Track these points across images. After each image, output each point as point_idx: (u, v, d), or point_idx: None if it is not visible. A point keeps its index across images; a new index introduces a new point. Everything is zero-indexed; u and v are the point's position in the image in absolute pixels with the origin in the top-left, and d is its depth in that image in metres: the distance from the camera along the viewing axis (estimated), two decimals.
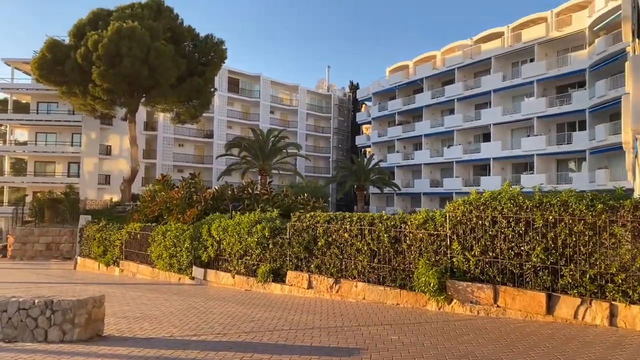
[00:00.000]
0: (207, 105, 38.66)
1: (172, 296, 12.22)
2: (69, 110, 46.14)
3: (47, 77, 34.28)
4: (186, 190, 17.29)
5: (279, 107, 63.46)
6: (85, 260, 22.21)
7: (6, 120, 45.88)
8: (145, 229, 17.91)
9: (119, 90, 33.51)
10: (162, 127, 52.05)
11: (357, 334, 7.11)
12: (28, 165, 47.10)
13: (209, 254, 14.31)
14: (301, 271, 11.50)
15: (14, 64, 45.76)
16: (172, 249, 15.92)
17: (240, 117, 59.46)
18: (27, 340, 7.50)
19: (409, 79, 51.99)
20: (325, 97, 68.76)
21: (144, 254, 17.71)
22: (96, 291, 13.96)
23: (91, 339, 7.49)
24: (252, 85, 61.05)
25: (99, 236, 20.78)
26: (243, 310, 9.69)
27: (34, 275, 20.66)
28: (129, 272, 18.51)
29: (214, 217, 14.93)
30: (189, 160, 55.22)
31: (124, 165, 48.47)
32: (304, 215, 11.70)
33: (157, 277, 16.67)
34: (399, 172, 51.43)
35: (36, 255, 29.57)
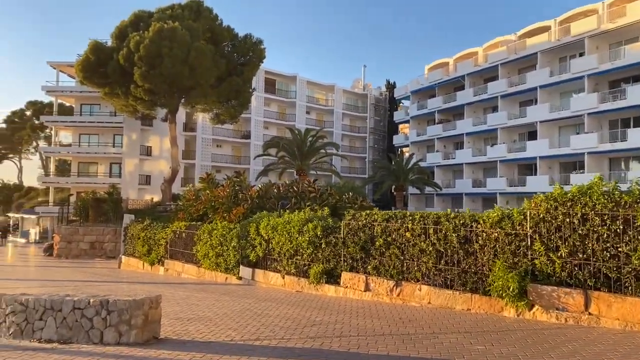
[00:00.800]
0: (246, 105, 38.57)
1: (222, 297, 11.82)
2: (110, 112, 47.02)
3: (91, 78, 34.84)
4: (231, 188, 16.96)
5: (315, 107, 63.12)
6: (130, 259, 22.23)
7: (52, 122, 47.17)
8: (191, 227, 17.67)
9: (159, 90, 33.73)
10: (200, 128, 52.46)
11: (436, 342, 6.44)
12: (72, 166, 48.24)
13: (257, 253, 13.87)
14: (357, 272, 10.88)
15: (59, 67, 46.97)
16: (218, 248, 15.58)
17: (277, 118, 59.41)
18: (82, 341, 7.16)
19: (449, 76, 50.67)
20: (361, 96, 68.02)
21: (190, 253, 17.47)
22: (144, 290, 13.74)
23: (148, 341, 7.08)
24: (289, 85, 60.93)
25: (143, 235, 20.73)
26: (301, 313, 9.15)
27: (80, 273, 20.79)
28: (173, 272, 18.32)
29: (262, 215, 14.50)
30: (227, 160, 55.49)
31: (164, 165, 49.04)
32: (360, 213, 11.09)
33: (203, 277, 16.38)
34: (439, 172, 50.17)
35: (81, 254, 29.99)
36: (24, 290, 14.76)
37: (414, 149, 53.58)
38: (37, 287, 15.48)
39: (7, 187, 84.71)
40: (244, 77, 36.85)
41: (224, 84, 35.57)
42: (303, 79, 61.00)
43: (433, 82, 52.42)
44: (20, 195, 76.63)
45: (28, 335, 7.65)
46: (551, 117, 39.56)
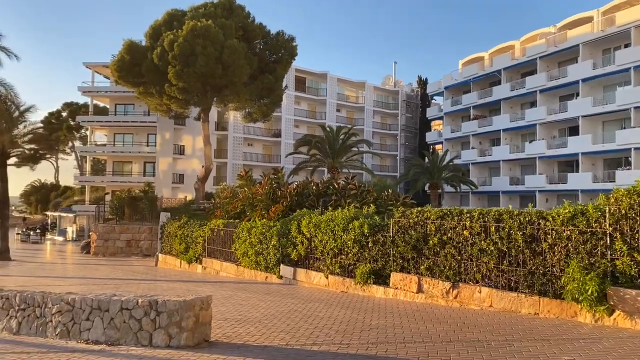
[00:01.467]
0: (279, 103, 38.34)
1: (265, 296, 11.43)
2: (144, 112, 47.53)
3: (126, 78, 35.16)
4: (269, 186, 16.61)
5: (345, 105, 62.50)
6: (167, 257, 22.18)
7: (87, 122, 48.01)
8: (229, 225, 17.40)
9: (193, 89, 33.78)
10: (232, 126, 52.57)
11: (513, 351, 5.84)
12: (107, 165, 49.00)
13: (298, 252, 13.45)
14: (408, 273, 10.32)
15: (94, 68, 47.76)
16: (258, 247, 15.24)
17: (307, 116, 59.07)
18: (131, 343, 6.85)
19: (484, 71, 49.30)
20: (392, 93, 67.04)
21: (228, 251, 17.21)
22: (185, 289, 13.50)
23: (199, 345, 6.71)
24: (319, 83, 60.49)
25: (180, 233, 20.61)
26: (352, 315, 8.65)
27: (118, 271, 20.83)
28: (212, 270, 18.10)
29: (303, 213, 14.07)
30: (258, 159, 55.46)
31: (197, 164, 49.32)
32: (410, 210, 10.52)
33: (242, 276, 16.08)
34: (474, 170, 48.89)
35: (117, 251, 30.27)
36: (66, 289, 14.74)
37: (448, 146, 52.39)
38: (78, 285, 15.46)
39: (44, 187, 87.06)
40: (276, 75, 36.58)
41: (257, 82, 35.38)
42: (334, 76, 60.46)
43: (468, 77, 51.13)
44: (57, 194, 78.60)
45: (75, 335, 7.40)
46: (594, 112, 37.92)
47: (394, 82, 69.45)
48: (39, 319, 7.86)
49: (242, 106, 36.98)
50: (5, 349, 6.99)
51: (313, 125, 58.59)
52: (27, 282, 17.14)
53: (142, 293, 12.20)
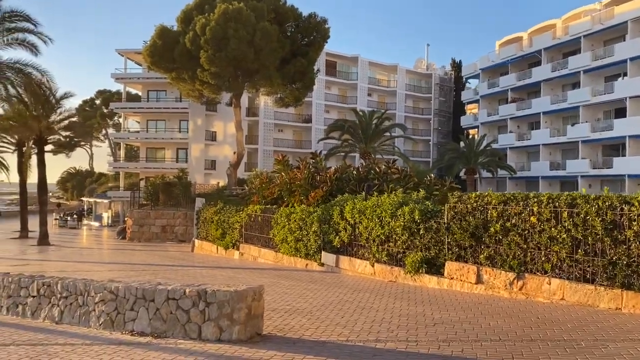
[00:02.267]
0: (311, 87, 37.60)
1: (310, 285, 10.91)
2: (176, 98, 47.56)
3: (158, 63, 34.98)
4: (308, 170, 16.04)
5: (377, 89, 61.30)
6: (203, 242, 21.98)
7: (121, 108, 48.43)
8: (267, 211, 16.95)
9: (225, 73, 33.36)
10: (262, 112, 52.21)
11: (612, 354, 5.10)
12: (140, 151, 49.41)
13: (341, 238, 12.86)
14: (465, 262, 9.60)
15: (126, 54, 47.93)
16: (297, 233, 14.73)
17: (338, 101, 58.20)
18: (179, 336, 6.39)
19: (523, 52, 47.33)
20: (424, 76, 65.41)
21: (266, 237, 16.78)
22: (225, 276, 13.12)
23: (251, 339, 6.21)
24: (349, 67, 59.40)
25: (217, 219, 20.32)
26: (409, 307, 8.02)
27: (155, 257, 20.75)
28: (249, 256, 17.74)
29: (345, 198, 13.45)
30: (289, 145, 55.04)
31: (228, 150, 49.21)
32: (468, 195, 9.76)
33: (281, 262, 15.63)
34: (512, 155, 47.26)
35: (152, 237, 30.37)
36: (105, 274, 14.59)
37: (484, 130, 50.75)
38: (116, 271, 15.32)
39: (79, 173, 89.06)
40: (309, 58, 35.80)
41: (289, 66, 34.69)
42: (365, 59, 59.25)
43: (505, 58, 49.21)
44: (91, 180, 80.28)
45: (119, 326, 7.01)
46: None
47: (427, 65, 67.73)
48: (82, 307, 7.51)
49: (273, 91, 36.40)
50: (49, 340, 6.65)
51: (344, 110, 57.70)
52: (66, 267, 17.14)
53: (184, 281, 11.86)
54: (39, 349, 6.15)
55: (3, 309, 8.61)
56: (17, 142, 32.80)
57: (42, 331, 7.17)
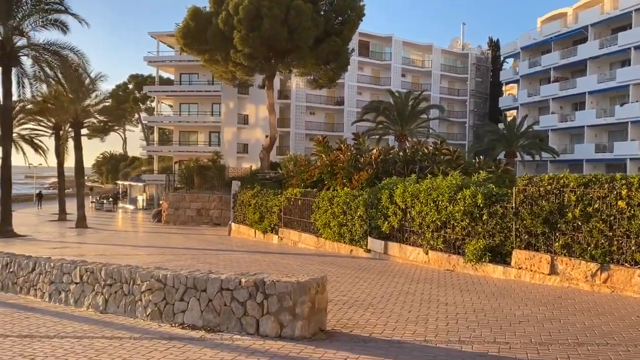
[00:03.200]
0: (346, 68, 36.55)
1: (360, 273, 10.23)
2: (208, 81, 47.25)
3: (191, 45, 34.56)
4: (351, 152, 15.28)
5: (411, 70, 59.62)
6: (240, 226, 21.57)
7: (154, 92, 48.48)
8: (307, 194, 16.31)
9: (258, 54, 32.66)
10: (294, 95, 51.48)
11: None
12: (174, 134, 49.50)
13: (390, 224, 12.10)
14: (537, 251, 8.72)
15: (159, 37, 47.76)
16: (341, 217, 14.03)
17: (371, 82, 56.91)
18: (234, 330, 5.80)
19: (568, 28, 44.92)
20: (460, 56, 63.27)
21: (307, 221, 16.16)
22: (267, 262, 12.58)
23: (315, 335, 5.56)
24: (383, 47, 57.89)
25: (254, 202, 19.82)
26: (482, 301, 7.24)
27: (192, 240, 20.46)
28: (289, 241, 17.18)
29: (394, 181, 12.66)
30: (320, 128, 54.21)
31: (260, 134, 48.81)
32: (540, 177, 8.84)
33: (323, 248, 15.00)
34: (554, 137, 45.23)
35: (188, 220, 30.25)
36: (145, 258, 14.26)
37: (524, 111, 48.70)
38: (156, 255, 14.99)
39: (114, 157, 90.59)
40: (343, 37, 34.72)
41: (323, 45, 33.69)
42: (399, 39, 57.58)
43: (548, 35, 46.85)
44: (125, 164, 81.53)
45: (168, 317, 6.47)
46: None
47: (462, 44, 65.52)
48: (127, 296, 7.01)
49: (307, 71, 35.56)
50: (94, 332, 6.16)
51: (377, 91, 56.41)
52: (105, 250, 16.97)
53: (226, 266, 11.34)
54: (85, 342, 5.66)
55: (45, 296, 8.24)
56: (54, 126, 33.08)
57: (87, 321, 6.70)
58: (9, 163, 22.96)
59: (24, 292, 8.71)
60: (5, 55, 22.25)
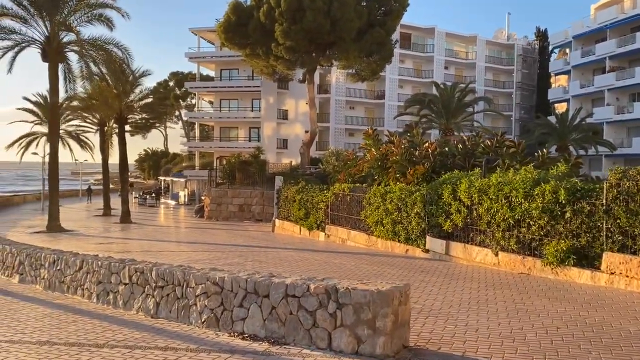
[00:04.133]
0: (389, 59, 35.51)
1: (424, 276, 9.37)
2: (248, 76, 47.04)
3: (232, 39, 34.32)
4: (404, 145, 14.36)
5: (454, 62, 57.70)
6: (284, 222, 20.99)
7: (195, 88, 48.65)
8: (356, 190, 15.52)
9: (300, 47, 32.06)
10: (334, 89, 50.64)
11: None
12: (214, 130, 49.59)
13: (453, 222, 11.15)
14: (634, 254, 7.63)
15: (199, 33, 47.86)
16: (395, 214, 13.17)
17: (412, 75, 55.37)
18: (302, 343, 5.07)
19: (626, 15, 42.22)
20: (505, 47, 60.82)
21: (356, 218, 15.38)
22: (319, 261, 11.86)
23: (398, 353, 4.77)
24: (425, 39, 56.22)
25: (299, 198, 19.18)
26: (581, 312, 6.26)
27: (237, 237, 20.03)
28: (336, 238, 16.44)
29: (457, 175, 11.70)
30: (360, 123, 53.13)
31: (299, 129, 48.25)
32: (637, 169, 7.73)
33: (375, 246, 14.18)
34: (609, 130, 42.67)
35: (230, 216, 29.99)
36: (192, 255, 13.81)
37: (576, 103, 46.19)
38: (202, 252, 14.53)
39: (155, 154, 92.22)
40: (387, 28, 33.68)
41: (366, 37, 32.77)
42: (441, 31, 55.80)
43: (603, 22, 44.19)
44: (166, 160, 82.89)
45: (226, 325, 5.81)
46: None
47: (507, 35, 63.00)
48: (180, 300, 6.41)
49: (349, 64, 34.65)
50: (146, 340, 5.58)
51: (418, 85, 54.92)
52: (150, 246, 16.71)
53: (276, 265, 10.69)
54: (137, 353, 5.06)
55: (93, 296, 7.77)
56: (99, 122, 33.46)
57: (138, 327, 6.14)
58: (57, 159, 23.16)
59: (71, 291, 8.29)
60: (52, 51, 22.38)
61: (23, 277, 9.67)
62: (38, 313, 7.08)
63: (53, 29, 22.29)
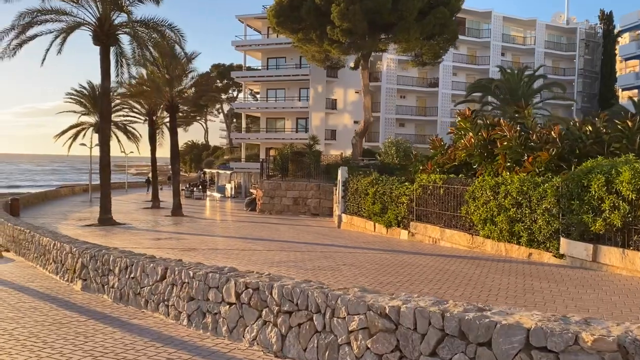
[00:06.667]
0: (453, 41, 32.82)
1: (598, 292, 7.13)
2: (296, 65, 45.24)
3: (284, 24, 32.48)
4: (515, 129, 12.05)
5: (511, 48, 54.22)
6: (353, 218, 18.95)
7: (241, 77, 47.20)
8: (452, 181, 13.32)
9: (358, 29, 29.87)
10: (385, 77, 48.20)
11: None
12: (260, 121, 48.07)
13: (608, 221, 8.83)
14: None
15: (247, 21, 46.28)
16: (512, 211, 10.91)
17: (466, 62, 52.31)
18: None
19: None
20: (566, 32, 56.86)
21: (452, 215, 13.18)
22: (424, 265, 9.76)
23: None
24: (480, 24, 52.97)
25: (373, 191, 17.08)
26: None
27: (302, 233, 18.17)
28: (425, 237, 14.28)
29: (612, 162, 9.35)
30: (411, 112, 50.70)
31: (348, 119, 46.21)
32: None
33: (481, 248, 11.96)
34: None
35: (283, 209, 28.22)
36: (268, 255, 11.90)
37: None
38: (277, 251, 12.65)
39: (196, 147, 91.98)
40: (451, 7, 31.11)
41: (429, 17, 30.28)
42: (498, 14, 52.42)
43: None
44: (207, 153, 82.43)
45: None
46: None
47: (567, 19, 58.91)
48: (322, 335, 4.44)
49: (410, 47, 32.20)
50: None
51: (473, 72, 51.91)
52: (216, 244, 15.00)
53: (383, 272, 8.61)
54: None
55: (183, 317, 5.91)
56: (148, 111, 32.27)
57: None
58: (108, 148, 21.86)
59: (151, 307, 6.47)
60: (104, 33, 21.02)
61: (87, 283, 7.97)
62: (116, 342, 5.26)
63: (105, 9, 20.91)
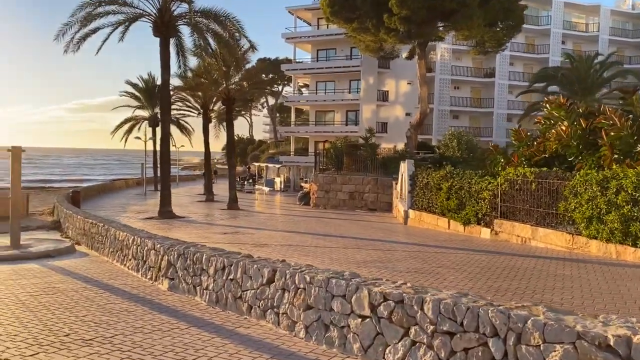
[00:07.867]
0: (519, 27, 30.96)
1: None
2: (346, 56, 44.29)
3: (339, 13, 31.53)
4: (626, 117, 10.73)
5: (572, 35, 51.35)
6: (422, 214, 17.92)
7: (291, 70, 46.65)
8: (546, 175, 12.13)
9: (417, 17, 28.52)
10: (438, 67, 46.58)
11: None
12: (309, 114, 47.45)
13: None
14: None
15: (296, 12, 45.65)
16: (626, 209, 9.67)
17: (524, 50, 49.87)
18: None
19: None
20: (632, 18, 53.37)
21: (546, 212, 12.00)
22: (537, 271, 8.70)
23: None
24: (538, 10, 50.32)
25: (447, 185, 16.01)
26: None
27: (368, 229, 17.30)
28: (511, 236, 13.13)
29: None
30: (465, 104, 48.84)
31: (400, 111, 44.89)
32: None
33: (584, 250, 10.75)
34: None
35: (339, 204, 27.45)
36: (349, 254, 11.12)
37: None
38: (353, 249, 11.83)
39: (242, 141, 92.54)
40: None
41: (492, 1, 28.64)
42: (559, 0, 49.65)
43: None
44: (253, 147, 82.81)
45: None
46: None
47: (632, 4, 55.27)
48: None
49: (472, 34, 30.53)
50: None
51: (530, 62, 49.62)
52: (285, 239, 14.35)
53: None
54: None
55: (299, 329, 5.15)
56: (202, 105, 32.15)
57: None
58: (169, 141, 21.65)
59: (256, 315, 5.77)
60: (164, 24, 20.74)
61: (174, 283, 7.39)
62: (232, 358, 4.55)
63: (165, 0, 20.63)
